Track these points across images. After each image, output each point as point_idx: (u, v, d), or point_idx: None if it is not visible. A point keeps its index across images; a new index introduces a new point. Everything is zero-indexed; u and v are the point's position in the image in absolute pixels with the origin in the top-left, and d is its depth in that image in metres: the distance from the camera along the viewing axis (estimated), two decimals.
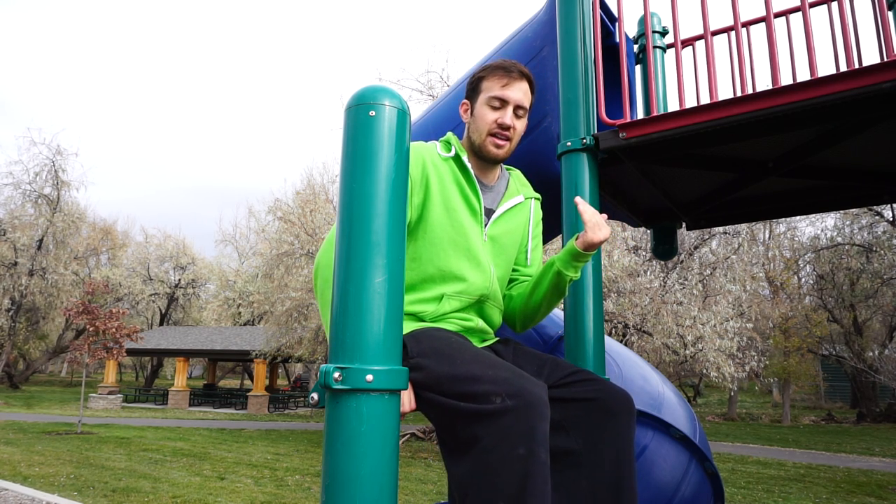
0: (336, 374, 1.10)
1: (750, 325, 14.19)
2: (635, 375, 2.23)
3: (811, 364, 24.71)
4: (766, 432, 18.75)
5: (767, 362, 19.67)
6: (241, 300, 30.65)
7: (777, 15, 2.43)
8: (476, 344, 1.62)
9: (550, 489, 1.20)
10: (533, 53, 2.28)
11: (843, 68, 1.89)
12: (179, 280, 34.75)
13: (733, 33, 2.23)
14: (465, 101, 1.73)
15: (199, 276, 35.05)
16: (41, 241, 27.36)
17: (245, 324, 31.85)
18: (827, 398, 29.48)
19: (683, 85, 1.91)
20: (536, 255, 1.81)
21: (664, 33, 2.74)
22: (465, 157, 1.65)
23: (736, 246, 14.27)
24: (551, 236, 2.43)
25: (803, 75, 3.69)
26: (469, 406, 1.23)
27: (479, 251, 1.62)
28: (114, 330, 14.83)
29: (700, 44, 2.66)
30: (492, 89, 1.64)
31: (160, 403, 25.08)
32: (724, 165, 2.34)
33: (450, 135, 1.71)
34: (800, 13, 1.90)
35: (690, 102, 2.00)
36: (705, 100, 1.92)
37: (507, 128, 1.63)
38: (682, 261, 13.52)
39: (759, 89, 1.99)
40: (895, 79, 1.53)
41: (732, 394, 23.61)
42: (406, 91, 14.34)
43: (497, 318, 1.71)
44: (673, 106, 2.87)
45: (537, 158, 2.20)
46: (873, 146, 2.16)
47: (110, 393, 22.91)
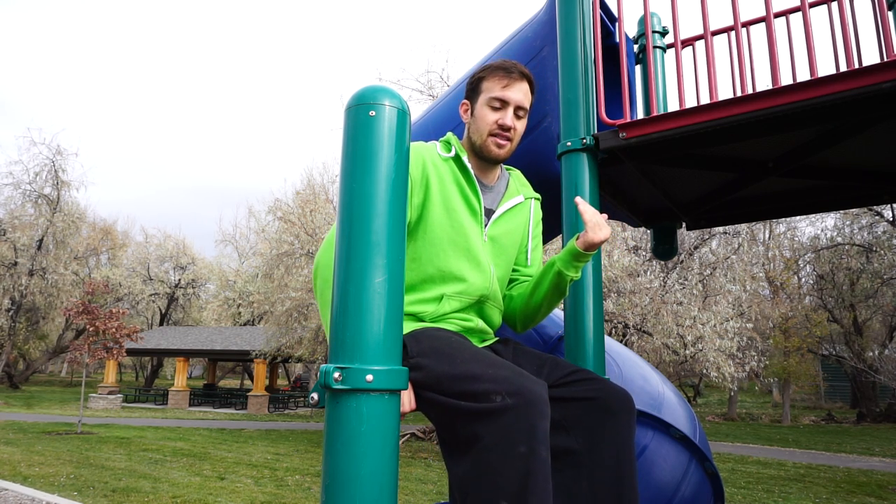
0: (336, 374, 1.10)
1: (750, 325, 14.18)
2: (635, 375, 2.23)
3: (811, 364, 24.71)
4: (766, 432, 18.75)
5: (767, 362, 19.66)
6: (241, 300, 30.66)
7: (777, 15, 2.44)
8: (476, 344, 1.62)
9: (552, 487, 1.20)
10: (533, 53, 2.29)
11: (843, 68, 1.89)
12: (179, 280, 34.75)
13: (733, 33, 2.23)
14: (465, 102, 1.72)
15: (199, 276, 35.05)
16: (41, 241, 27.36)
17: (245, 324, 31.85)
18: (827, 398, 29.47)
19: (683, 85, 1.92)
20: (536, 256, 1.81)
21: (664, 33, 2.74)
22: (466, 158, 1.65)
23: (736, 246, 14.27)
24: (551, 236, 2.43)
25: (803, 75, 3.68)
26: (469, 405, 1.23)
27: (479, 251, 1.62)
28: (114, 330, 14.84)
29: (700, 44, 2.66)
30: (492, 90, 1.64)
31: (160, 403, 25.08)
32: (724, 165, 2.34)
33: (450, 135, 1.71)
34: (800, 13, 1.90)
35: (690, 102, 2.01)
36: (705, 100, 1.92)
37: (508, 129, 1.63)
38: (682, 261, 13.52)
39: (759, 89, 1.99)
40: (895, 79, 1.53)
41: (732, 394, 23.62)
42: (406, 91, 14.35)
43: (497, 319, 1.71)
44: (673, 106, 2.87)
45: (537, 158, 2.20)
46: (873, 146, 2.16)
47: (110, 393, 22.91)
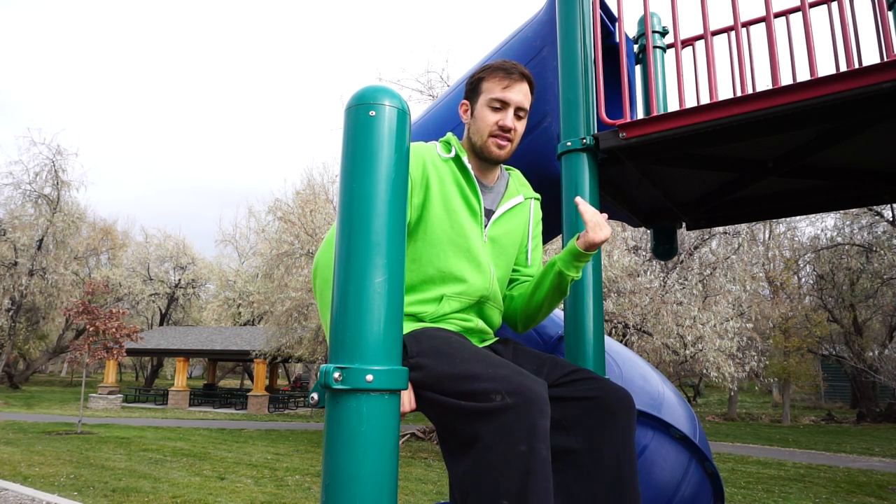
0: (336, 374, 1.10)
1: (750, 325, 14.19)
2: (635, 375, 2.23)
3: (811, 364, 24.71)
4: (766, 432, 18.75)
5: (767, 362, 19.67)
6: (241, 300, 30.66)
7: (777, 15, 2.43)
8: (476, 344, 1.62)
9: (552, 486, 1.20)
10: (533, 53, 2.28)
11: (843, 68, 1.89)
12: (179, 280, 34.75)
13: (733, 33, 2.23)
14: (465, 102, 1.72)
15: (199, 276, 35.05)
16: (41, 241, 27.36)
17: (245, 324, 31.85)
18: (827, 398, 29.47)
19: (683, 85, 1.92)
20: (537, 256, 1.81)
21: (664, 33, 2.74)
22: (465, 158, 1.65)
23: (736, 246, 14.27)
24: (551, 236, 2.42)
25: (803, 75, 3.68)
26: (469, 404, 1.23)
27: (479, 252, 1.62)
28: (114, 330, 14.84)
29: (700, 44, 2.66)
30: (492, 91, 1.63)
31: (160, 403, 25.08)
32: (724, 165, 2.34)
33: (450, 135, 1.70)
34: (800, 13, 1.90)
35: (690, 102, 2.01)
36: (705, 100, 1.92)
37: (509, 130, 1.63)
38: (682, 261, 13.52)
39: (759, 89, 1.99)
40: (895, 79, 1.53)
41: (732, 394, 23.62)
42: (406, 91, 14.35)
43: (497, 319, 1.71)
44: (673, 106, 2.87)
45: (537, 158, 2.20)
46: (873, 146, 2.16)
47: (110, 393, 22.91)
